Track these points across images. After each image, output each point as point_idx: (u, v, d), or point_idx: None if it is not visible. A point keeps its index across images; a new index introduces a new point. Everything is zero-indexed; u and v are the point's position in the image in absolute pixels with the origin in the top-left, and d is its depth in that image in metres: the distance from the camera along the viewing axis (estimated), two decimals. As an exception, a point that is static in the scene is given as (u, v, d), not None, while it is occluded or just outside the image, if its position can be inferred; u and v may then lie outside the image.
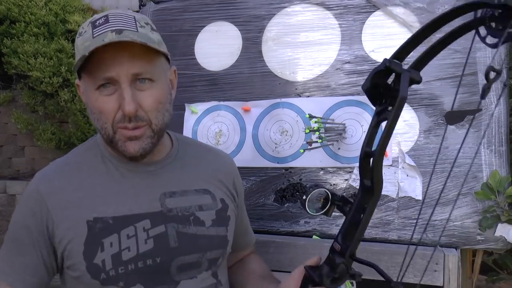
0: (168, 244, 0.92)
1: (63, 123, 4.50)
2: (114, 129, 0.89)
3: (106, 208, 0.91)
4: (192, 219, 0.96)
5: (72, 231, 0.89)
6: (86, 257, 0.87)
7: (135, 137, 0.89)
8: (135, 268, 0.88)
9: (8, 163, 4.73)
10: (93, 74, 0.87)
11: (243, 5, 1.66)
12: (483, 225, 1.30)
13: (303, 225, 1.46)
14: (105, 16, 0.88)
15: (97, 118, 0.90)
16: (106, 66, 0.85)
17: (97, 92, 0.88)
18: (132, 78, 0.87)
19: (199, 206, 0.98)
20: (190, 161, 1.04)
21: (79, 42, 0.89)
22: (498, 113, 1.36)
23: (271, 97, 1.58)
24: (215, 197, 1.02)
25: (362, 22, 1.52)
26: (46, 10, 4.25)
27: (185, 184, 1.00)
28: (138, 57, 0.87)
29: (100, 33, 0.85)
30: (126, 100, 0.85)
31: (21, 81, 4.33)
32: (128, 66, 0.86)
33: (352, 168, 1.46)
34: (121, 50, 0.85)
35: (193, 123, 1.66)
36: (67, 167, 0.96)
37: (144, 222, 0.91)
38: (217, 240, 0.99)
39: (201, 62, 1.68)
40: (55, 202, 0.90)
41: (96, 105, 0.88)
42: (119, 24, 0.86)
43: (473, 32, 0.66)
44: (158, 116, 0.91)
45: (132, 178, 0.95)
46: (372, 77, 0.72)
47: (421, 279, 1.21)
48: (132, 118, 0.87)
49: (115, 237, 0.89)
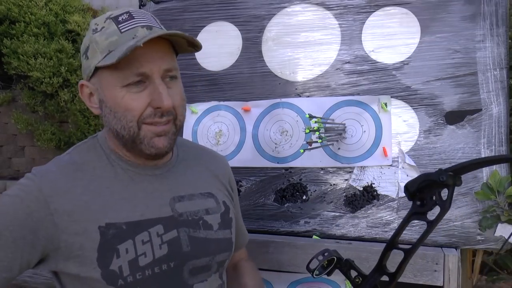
0: (181, 248, 0.92)
1: (63, 123, 4.50)
2: (139, 126, 0.88)
3: (118, 213, 0.89)
4: (201, 223, 0.97)
5: (81, 237, 0.86)
6: (100, 264, 0.85)
7: (163, 132, 0.89)
8: (151, 274, 0.88)
9: (8, 163, 4.74)
10: (122, 71, 0.85)
11: (243, 5, 1.66)
12: (483, 225, 1.30)
13: (303, 225, 1.46)
14: (127, 13, 0.88)
15: (119, 117, 0.88)
16: (139, 62, 0.84)
17: (124, 89, 0.86)
18: (163, 74, 0.88)
19: (206, 210, 0.99)
20: (192, 163, 1.05)
21: (99, 38, 0.87)
22: (498, 113, 1.36)
23: (271, 97, 1.58)
24: (218, 200, 1.03)
25: (362, 22, 1.52)
26: (46, 10, 4.25)
27: (191, 188, 1.00)
28: (167, 54, 0.88)
29: (129, 28, 0.85)
30: (164, 95, 0.86)
31: (21, 82, 4.33)
32: (160, 62, 0.86)
33: (352, 168, 1.46)
34: (152, 46, 0.84)
35: (193, 123, 1.66)
36: (71, 167, 0.92)
37: (157, 227, 0.91)
38: (224, 243, 1.00)
39: (201, 62, 1.69)
40: (60, 205, 0.86)
41: (122, 103, 0.87)
42: (145, 21, 0.87)
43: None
44: (183, 112, 0.93)
45: (141, 182, 0.94)
46: (420, 182, 0.73)
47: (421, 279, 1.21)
48: (165, 113, 0.88)
49: (130, 243, 0.87)
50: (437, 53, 1.43)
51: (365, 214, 1.41)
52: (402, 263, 0.78)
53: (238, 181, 1.56)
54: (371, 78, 1.48)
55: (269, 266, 1.36)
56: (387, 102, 1.45)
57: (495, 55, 1.38)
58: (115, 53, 0.84)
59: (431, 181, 0.71)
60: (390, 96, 1.45)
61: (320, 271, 0.87)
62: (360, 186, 1.44)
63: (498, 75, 1.37)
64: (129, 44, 0.82)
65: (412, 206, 0.76)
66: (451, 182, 0.70)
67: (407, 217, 0.76)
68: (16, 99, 4.56)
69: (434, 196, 0.72)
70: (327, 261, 0.87)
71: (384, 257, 0.80)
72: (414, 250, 0.76)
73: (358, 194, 1.43)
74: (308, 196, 1.48)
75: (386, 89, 1.46)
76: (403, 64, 1.46)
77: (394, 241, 0.79)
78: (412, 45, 1.46)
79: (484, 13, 1.40)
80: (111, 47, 0.84)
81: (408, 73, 1.45)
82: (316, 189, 1.48)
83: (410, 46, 1.46)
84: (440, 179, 0.69)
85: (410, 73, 1.45)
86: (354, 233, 1.40)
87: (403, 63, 1.46)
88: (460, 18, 1.43)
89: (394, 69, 1.46)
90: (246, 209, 1.52)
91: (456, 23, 1.43)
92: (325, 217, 1.45)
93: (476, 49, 1.40)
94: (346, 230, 1.42)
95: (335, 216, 1.44)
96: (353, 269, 0.85)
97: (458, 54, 1.41)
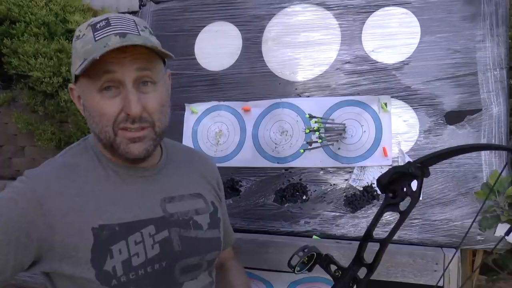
0: (172, 248, 0.94)
1: (63, 123, 4.50)
2: (115, 132, 0.89)
3: (111, 214, 0.90)
4: (191, 223, 0.99)
5: (75, 238, 0.87)
6: (94, 265, 0.86)
7: (138, 138, 0.89)
8: (144, 273, 0.90)
9: (8, 163, 4.74)
10: (95, 77, 0.86)
11: (243, 5, 1.66)
12: (483, 225, 1.30)
13: (303, 225, 1.46)
14: (106, 20, 0.88)
15: (96, 122, 0.89)
16: (110, 69, 0.85)
17: (98, 95, 0.87)
18: (136, 81, 0.87)
19: (196, 210, 1.01)
20: (181, 164, 1.06)
21: (78, 45, 0.88)
22: (498, 113, 1.36)
23: (271, 97, 1.58)
24: (207, 200, 1.05)
25: (362, 22, 1.52)
26: (46, 10, 4.25)
27: (180, 188, 1.02)
28: (142, 60, 0.87)
29: (102, 36, 0.85)
30: (132, 102, 0.86)
31: (21, 81, 4.33)
32: (132, 68, 0.86)
33: (352, 168, 1.46)
34: (124, 53, 0.85)
35: (193, 123, 1.66)
36: (64, 170, 0.93)
37: (149, 228, 0.92)
38: (213, 242, 1.03)
39: (201, 62, 1.68)
40: (53, 207, 0.87)
41: (97, 108, 0.88)
42: (122, 28, 0.86)
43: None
44: (161, 118, 0.92)
45: (132, 183, 0.95)
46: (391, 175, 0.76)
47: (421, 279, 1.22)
48: (137, 120, 0.88)
49: (123, 244, 0.89)
50: (437, 53, 1.43)
51: (365, 214, 1.41)
52: (378, 253, 0.80)
53: (238, 181, 1.56)
54: (371, 78, 1.48)
55: (269, 266, 1.36)
56: (387, 102, 1.45)
57: (495, 55, 1.38)
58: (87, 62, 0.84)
59: (401, 173, 0.74)
60: (390, 96, 1.45)
61: (301, 267, 0.90)
62: (360, 186, 1.44)
63: (498, 75, 1.37)
64: (97, 53, 0.82)
65: (384, 198, 0.78)
66: (419, 173, 0.72)
67: (381, 209, 0.79)
68: (16, 99, 4.56)
69: (405, 187, 0.75)
70: (307, 257, 0.89)
71: (361, 249, 0.82)
72: (389, 240, 0.79)
73: (358, 194, 1.43)
74: (308, 196, 1.48)
75: (386, 89, 1.46)
76: (403, 64, 1.46)
77: (370, 233, 0.81)
78: (412, 45, 1.46)
79: (484, 13, 1.40)
80: (86, 55, 0.85)
81: (408, 73, 1.45)
82: (316, 189, 1.48)
83: (410, 46, 1.46)
84: (409, 171, 0.72)
85: (410, 73, 1.45)
86: (354, 233, 1.40)
87: (403, 63, 1.46)
88: (460, 18, 1.43)
89: (394, 69, 1.46)
90: (246, 209, 1.52)
91: (456, 23, 1.43)
92: (325, 217, 1.45)
93: (476, 49, 1.40)
94: (346, 230, 1.42)
95: (335, 216, 1.44)
96: (332, 263, 0.88)
97: (458, 54, 1.41)
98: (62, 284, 0.92)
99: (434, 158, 0.73)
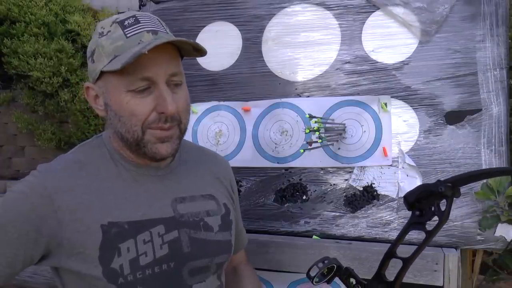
0: (181, 249, 0.93)
1: (63, 123, 4.50)
2: (144, 131, 0.88)
3: (120, 212, 0.90)
4: (202, 224, 0.98)
5: (83, 235, 0.87)
6: (102, 262, 0.86)
7: (166, 137, 0.90)
8: (152, 273, 0.89)
9: (8, 163, 4.74)
10: (127, 76, 0.85)
11: (243, 5, 1.66)
12: (483, 225, 1.30)
13: (303, 225, 1.46)
14: (133, 17, 0.88)
15: (124, 121, 0.88)
16: (144, 67, 0.85)
17: (128, 94, 0.87)
18: (168, 79, 0.88)
19: (207, 212, 1.00)
20: (194, 165, 1.05)
21: (105, 42, 0.87)
22: (498, 113, 1.36)
23: (271, 97, 1.58)
24: (219, 202, 1.04)
25: (362, 22, 1.52)
26: (46, 10, 4.26)
27: (192, 189, 1.01)
28: (173, 59, 0.88)
29: (135, 33, 0.85)
30: (168, 101, 0.86)
31: (21, 81, 4.33)
32: (165, 67, 0.86)
33: (352, 168, 1.46)
34: (157, 51, 0.84)
35: (193, 123, 1.66)
36: (75, 166, 0.93)
37: (159, 227, 0.92)
38: (223, 245, 1.01)
39: (201, 62, 1.69)
40: (63, 203, 0.87)
41: (127, 108, 0.87)
42: (151, 25, 0.87)
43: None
44: (187, 116, 0.94)
45: (144, 182, 0.95)
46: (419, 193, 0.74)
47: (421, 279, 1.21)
48: (169, 119, 0.88)
49: (132, 242, 0.88)
50: (437, 53, 1.43)
51: (365, 214, 1.41)
52: (401, 272, 0.78)
53: (238, 181, 1.56)
54: (371, 78, 1.48)
55: (269, 266, 1.36)
56: (387, 102, 1.45)
57: (495, 55, 1.38)
58: (120, 58, 0.84)
59: (430, 192, 0.71)
60: (390, 96, 1.45)
61: (320, 279, 0.88)
62: (360, 186, 1.44)
63: (498, 75, 1.37)
64: (135, 50, 0.82)
65: (411, 216, 0.76)
66: (449, 193, 0.70)
67: (406, 226, 0.77)
68: (16, 99, 4.56)
69: (433, 206, 0.73)
70: (327, 269, 0.87)
71: (383, 265, 0.80)
72: (413, 259, 0.76)
73: (358, 194, 1.43)
74: (308, 196, 1.48)
75: (386, 89, 1.46)
76: (403, 64, 1.46)
77: (392, 251, 0.79)
78: (412, 45, 1.46)
79: (484, 13, 1.40)
80: (117, 51, 0.85)
81: (408, 73, 1.45)
82: (316, 189, 1.48)
83: (410, 46, 1.46)
84: (438, 190, 0.70)
85: (410, 73, 1.45)
86: (354, 233, 1.40)
87: (403, 63, 1.46)
88: (460, 18, 1.43)
89: (394, 69, 1.46)
90: (246, 209, 1.52)
91: (456, 23, 1.43)
92: (325, 217, 1.45)
93: (476, 49, 1.40)
94: (346, 230, 1.42)
95: (335, 216, 1.44)
96: (352, 277, 0.86)
97: (458, 54, 1.41)
98: (70, 280, 0.92)
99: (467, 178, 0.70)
